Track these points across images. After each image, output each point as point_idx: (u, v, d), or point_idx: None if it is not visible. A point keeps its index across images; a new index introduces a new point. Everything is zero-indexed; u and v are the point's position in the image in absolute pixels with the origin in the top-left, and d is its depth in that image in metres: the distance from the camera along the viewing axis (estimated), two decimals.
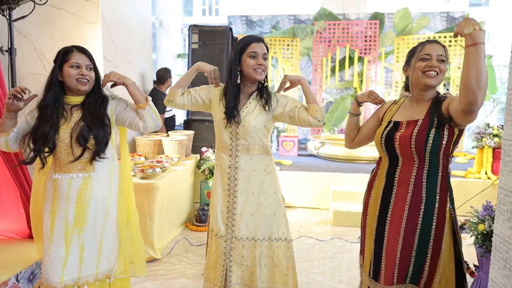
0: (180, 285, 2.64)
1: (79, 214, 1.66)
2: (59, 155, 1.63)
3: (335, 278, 2.80)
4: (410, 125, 1.60)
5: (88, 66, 1.65)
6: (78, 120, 1.64)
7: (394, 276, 1.60)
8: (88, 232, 1.68)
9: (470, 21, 1.34)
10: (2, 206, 2.27)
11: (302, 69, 7.63)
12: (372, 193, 1.75)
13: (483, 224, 2.45)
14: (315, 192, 4.53)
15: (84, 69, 1.63)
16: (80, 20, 3.40)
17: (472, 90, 1.34)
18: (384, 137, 1.65)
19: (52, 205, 1.65)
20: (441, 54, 1.57)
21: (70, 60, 1.62)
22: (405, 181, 1.62)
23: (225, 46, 4.74)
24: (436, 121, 1.55)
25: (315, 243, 3.45)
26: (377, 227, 1.68)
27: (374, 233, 1.69)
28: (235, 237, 1.85)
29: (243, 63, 1.78)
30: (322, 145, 5.59)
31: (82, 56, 1.64)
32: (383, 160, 1.72)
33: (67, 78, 1.62)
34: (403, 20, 6.67)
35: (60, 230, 1.64)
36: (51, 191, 1.65)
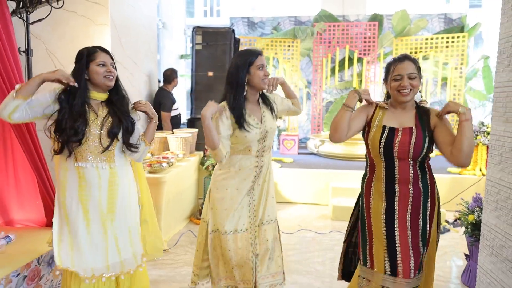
0: (186, 273, 2.79)
1: (110, 202, 1.79)
2: (87, 146, 1.74)
3: (333, 267, 2.93)
4: (405, 132, 1.77)
5: (112, 64, 1.79)
6: (106, 115, 1.78)
7: (411, 269, 1.74)
8: (117, 220, 1.82)
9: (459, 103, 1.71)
10: (21, 196, 2.42)
11: (302, 70, 7.77)
12: (373, 194, 1.85)
13: (473, 215, 2.60)
14: (315, 189, 4.68)
15: (109, 66, 1.78)
16: (89, 22, 3.55)
17: (465, 156, 1.69)
18: (383, 142, 1.78)
19: (80, 193, 1.75)
20: (411, 72, 1.74)
21: (96, 59, 1.75)
22: (405, 178, 1.78)
23: (228, 47, 4.89)
24: (427, 132, 1.78)
25: (315, 236, 3.60)
26: (386, 226, 1.78)
27: (384, 231, 1.78)
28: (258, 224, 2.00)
29: (253, 75, 1.88)
30: (322, 143, 5.73)
31: (105, 55, 1.78)
32: (377, 164, 1.83)
33: (95, 75, 1.74)
34: (402, 22, 6.82)
35: (96, 218, 1.76)
36: (76, 179, 1.75)
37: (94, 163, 1.76)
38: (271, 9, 12.61)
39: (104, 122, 1.77)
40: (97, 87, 1.79)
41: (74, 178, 1.76)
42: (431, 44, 6.55)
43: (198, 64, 4.93)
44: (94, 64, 1.75)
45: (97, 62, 1.76)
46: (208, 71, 4.89)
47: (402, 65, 1.76)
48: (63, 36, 3.55)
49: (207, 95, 4.93)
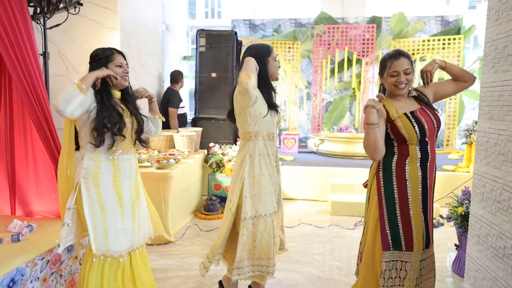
0: (193, 262, 2.96)
1: (136, 189, 2.01)
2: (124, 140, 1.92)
3: (332, 258, 3.11)
4: (423, 113, 1.94)
5: (126, 65, 1.97)
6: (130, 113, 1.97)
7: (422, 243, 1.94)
8: (141, 204, 2.04)
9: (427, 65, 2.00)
10: (40, 190, 2.59)
11: (302, 71, 7.95)
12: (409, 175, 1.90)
13: (462, 207, 2.77)
14: (314, 185, 4.85)
15: (125, 67, 1.95)
16: (99, 26, 3.73)
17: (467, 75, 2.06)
18: (416, 125, 1.90)
19: (115, 183, 1.91)
20: (406, 68, 1.91)
21: (114, 60, 1.92)
22: (433, 159, 1.98)
23: (230, 49, 5.08)
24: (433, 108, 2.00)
25: (314, 229, 3.77)
26: (422, 205, 1.92)
27: (421, 211, 1.92)
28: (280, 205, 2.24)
29: (271, 65, 2.12)
30: (322, 142, 5.91)
31: (121, 57, 1.96)
32: (411, 147, 1.92)
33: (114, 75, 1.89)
34: (399, 24, 6.99)
35: (128, 204, 1.95)
36: (111, 170, 1.90)
37: (127, 154, 1.96)
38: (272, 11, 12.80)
39: (133, 120, 1.97)
40: (114, 86, 1.95)
41: (109, 169, 1.91)
42: (428, 46, 6.72)
43: (202, 65, 5.12)
44: (112, 65, 1.92)
45: (115, 63, 1.93)
46: (212, 72, 5.08)
47: (398, 62, 1.93)
48: (74, 39, 3.73)
49: (211, 94, 5.13)
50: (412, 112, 1.93)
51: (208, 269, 2.24)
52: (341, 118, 7.52)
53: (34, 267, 2.00)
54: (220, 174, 4.37)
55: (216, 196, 4.30)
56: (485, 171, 2.46)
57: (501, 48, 2.33)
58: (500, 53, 2.33)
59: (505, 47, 2.28)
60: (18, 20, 2.31)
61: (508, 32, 2.23)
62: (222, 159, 4.39)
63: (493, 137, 2.38)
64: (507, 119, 2.22)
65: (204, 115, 5.13)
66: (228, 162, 4.34)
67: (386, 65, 1.98)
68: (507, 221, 2.20)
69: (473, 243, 2.58)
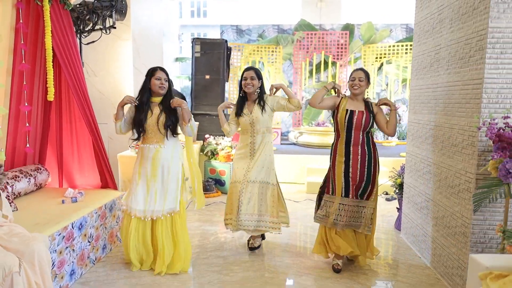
0: (196, 226, 3.82)
1: (153, 169, 2.77)
2: (148, 133, 2.75)
3: (306, 221, 4.01)
4: (360, 113, 2.82)
5: (165, 79, 2.76)
6: (159, 113, 2.74)
7: (354, 194, 2.81)
8: (158, 182, 2.77)
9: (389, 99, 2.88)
10: (82, 168, 3.38)
11: (284, 72, 8.84)
12: (338, 152, 2.87)
13: (400, 178, 3.71)
14: (294, 171, 5.75)
15: (163, 81, 2.76)
16: (116, 38, 4.52)
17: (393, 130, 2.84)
18: (347, 119, 2.81)
19: (140, 163, 2.78)
20: (360, 77, 2.80)
21: (155, 75, 2.74)
22: (357, 143, 2.83)
23: (222, 55, 5.92)
24: (371, 114, 2.83)
25: (292, 204, 4.67)
26: (344, 170, 2.82)
27: (343, 173, 2.82)
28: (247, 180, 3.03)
29: (243, 84, 3.04)
30: (301, 134, 6.82)
31: (162, 72, 2.76)
32: (341, 134, 2.86)
33: (153, 85, 2.73)
34: (368, 32, 7.95)
35: (144, 179, 2.77)
36: (140, 155, 2.80)
37: (150, 144, 2.78)
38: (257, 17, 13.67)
39: (159, 117, 2.74)
40: (154, 93, 2.79)
41: (139, 153, 2.82)
42: (393, 50, 7.71)
43: (197, 69, 5.94)
44: (154, 78, 2.75)
45: (155, 77, 2.75)
46: (206, 74, 5.92)
47: (356, 73, 2.85)
48: (95, 48, 4.50)
49: (205, 94, 5.96)
50: (352, 111, 2.82)
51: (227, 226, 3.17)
52: (319, 114, 8.45)
53: (92, 218, 2.82)
54: (214, 160, 5.22)
55: (211, 178, 5.15)
56: (412, 151, 3.41)
57: (421, 62, 3.26)
58: (420, 65, 3.27)
59: (422, 61, 3.21)
60: (70, 40, 3.11)
61: (424, 51, 3.17)
62: (216, 148, 5.24)
63: (416, 126, 3.33)
64: (423, 112, 3.16)
65: (199, 111, 5.95)
66: (221, 151, 5.19)
67: (351, 74, 2.89)
68: (422, 183, 3.14)
69: (406, 203, 3.53)
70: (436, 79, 2.89)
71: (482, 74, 2.23)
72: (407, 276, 2.81)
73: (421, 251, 3.12)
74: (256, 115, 3.03)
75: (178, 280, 2.68)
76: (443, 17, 2.79)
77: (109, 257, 3.03)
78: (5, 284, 1.73)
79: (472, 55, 2.35)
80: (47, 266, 1.92)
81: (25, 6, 2.85)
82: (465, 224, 2.40)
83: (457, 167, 2.53)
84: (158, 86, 2.75)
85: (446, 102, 2.72)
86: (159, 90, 2.76)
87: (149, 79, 2.76)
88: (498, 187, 1.97)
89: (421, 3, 3.23)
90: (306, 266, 2.96)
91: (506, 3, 2.15)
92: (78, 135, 3.34)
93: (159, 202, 2.77)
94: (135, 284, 2.60)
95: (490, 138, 2.00)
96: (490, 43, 2.19)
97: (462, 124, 2.47)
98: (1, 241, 1.88)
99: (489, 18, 2.17)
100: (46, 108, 3.23)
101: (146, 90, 2.76)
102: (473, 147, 2.32)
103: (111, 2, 3.37)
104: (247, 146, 3.08)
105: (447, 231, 2.66)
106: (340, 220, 2.78)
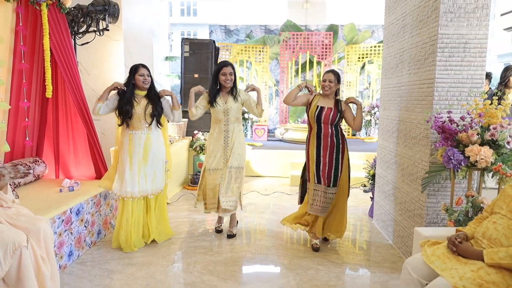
0: (185, 214, 4.09)
1: (145, 154, 3.08)
2: (134, 122, 3.02)
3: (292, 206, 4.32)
4: (328, 109, 3.12)
5: (148, 75, 3.06)
6: (146, 104, 3.05)
7: (326, 181, 3.10)
8: (148, 166, 3.10)
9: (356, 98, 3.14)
10: (77, 160, 3.62)
11: (271, 71, 9.13)
12: (311, 143, 3.19)
13: (373, 170, 4.03)
14: (279, 165, 6.05)
15: (146, 76, 3.04)
16: (108, 39, 4.75)
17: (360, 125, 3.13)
18: (316, 114, 3.12)
19: (129, 149, 3.04)
20: (330, 79, 3.10)
21: (138, 72, 3.03)
22: (326, 135, 3.13)
23: (210, 55, 6.19)
24: (339, 111, 3.12)
25: (278, 195, 4.97)
26: (316, 159, 3.14)
27: (315, 162, 3.14)
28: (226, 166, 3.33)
29: (220, 78, 3.29)
30: (286, 131, 7.12)
31: (144, 69, 3.05)
32: (313, 128, 3.17)
33: (137, 81, 3.02)
34: (351, 32, 8.29)
35: (136, 163, 3.04)
36: (128, 140, 3.04)
37: (139, 131, 3.05)
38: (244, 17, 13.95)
39: (146, 108, 3.05)
40: (139, 88, 3.07)
41: (126, 140, 3.07)
42: (375, 51, 8.05)
43: (186, 68, 6.20)
44: (137, 74, 3.04)
45: (139, 73, 3.04)
46: (194, 73, 6.18)
47: (327, 75, 3.14)
48: (88, 49, 4.73)
49: None
50: (322, 107, 3.13)
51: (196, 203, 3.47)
52: (304, 112, 8.76)
53: (88, 205, 3.08)
54: (203, 155, 5.49)
55: (200, 172, 5.42)
56: (382, 144, 3.73)
57: (389, 63, 3.58)
58: (388, 66, 3.59)
59: (390, 62, 3.53)
60: (66, 41, 3.36)
61: (391, 53, 3.49)
62: (204, 143, 5.52)
63: (385, 121, 3.65)
64: (391, 108, 3.48)
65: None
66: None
67: (323, 76, 3.19)
68: (389, 173, 3.47)
69: (377, 192, 3.85)
70: (400, 78, 3.21)
71: (433, 74, 2.56)
72: (373, 255, 3.13)
73: (388, 234, 3.45)
74: (230, 105, 3.31)
75: (167, 260, 2.96)
76: (405, 23, 3.11)
77: (103, 242, 3.29)
78: (15, 257, 1.98)
79: (427, 57, 2.68)
80: (51, 243, 2.18)
81: (24, 10, 3.09)
82: (421, 207, 2.73)
83: (415, 157, 2.86)
84: (142, 81, 3.04)
85: (407, 100, 3.04)
86: (143, 85, 3.05)
87: (132, 76, 3.04)
88: (441, 172, 2.29)
89: (388, 10, 3.55)
90: (284, 248, 3.27)
91: (453, 13, 2.48)
92: (73, 129, 3.58)
93: (151, 183, 3.14)
94: (127, 264, 2.87)
95: (435, 130, 2.32)
96: (440, 47, 2.51)
97: (419, 118, 2.79)
98: (10, 220, 2.14)
99: (439, 26, 2.49)
100: (44, 104, 3.47)
101: (131, 86, 3.04)
102: (427, 139, 2.65)
103: (104, 7, 3.61)
104: (221, 134, 3.34)
105: (407, 214, 2.99)
106: (315, 204, 3.09)
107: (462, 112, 2.45)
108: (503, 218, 1.70)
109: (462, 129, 2.25)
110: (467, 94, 2.52)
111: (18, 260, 1.99)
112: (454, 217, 2.13)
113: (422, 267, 1.77)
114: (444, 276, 1.60)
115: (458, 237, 1.77)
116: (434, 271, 1.69)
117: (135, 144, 3.06)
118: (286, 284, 2.62)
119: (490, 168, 2.10)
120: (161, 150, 3.22)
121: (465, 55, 2.51)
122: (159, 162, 3.20)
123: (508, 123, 2.08)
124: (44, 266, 2.11)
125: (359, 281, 2.69)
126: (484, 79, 2.53)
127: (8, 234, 1.98)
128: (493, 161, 2.08)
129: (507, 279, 1.54)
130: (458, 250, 1.72)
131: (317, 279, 2.67)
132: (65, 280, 2.59)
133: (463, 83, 2.53)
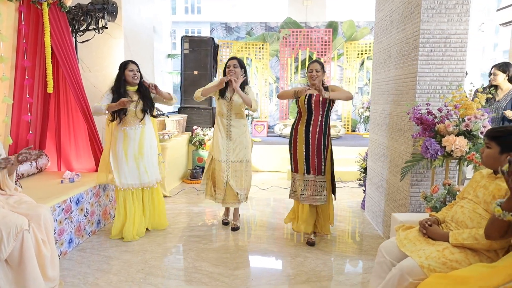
0: (183, 206, 4.23)
1: (140, 148, 3.21)
2: (127, 118, 3.15)
3: (287, 199, 4.44)
4: (317, 95, 3.20)
5: (137, 71, 3.18)
6: (138, 99, 3.18)
7: (316, 171, 3.18)
8: (145, 159, 3.24)
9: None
10: (79, 152, 3.77)
11: (272, 68, 9.23)
12: (298, 131, 3.22)
13: (365, 163, 4.14)
14: (277, 160, 6.17)
15: (135, 72, 3.17)
16: (108, 37, 4.89)
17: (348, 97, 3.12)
18: (306, 101, 3.18)
19: (124, 144, 3.16)
20: (317, 68, 3.19)
21: (128, 67, 3.15)
22: (316, 123, 3.20)
23: (209, 52, 6.30)
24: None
25: (275, 188, 5.09)
26: (305, 149, 3.18)
27: (304, 152, 3.18)
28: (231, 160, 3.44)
29: (227, 73, 3.41)
30: (285, 127, 7.23)
31: (133, 65, 3.18)
32: (303, 114, 3.21)
33: (127, 76, 3.14)
34: (350, 29, 8.35)
35: (132, 157, 3.18)
36: (122, 136, 3.16)
37: (133, 126, 3.18)
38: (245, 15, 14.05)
39: (137, 103, 3.17)
40: (129, 83, 3.20)
41: (121, 136, 3.18)
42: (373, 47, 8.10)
43: (186, 65, 6.33)
44: (127, 70, 3.17)
45: (128, 69, 3.17)
46: (194, 70, 6.30)
47: (313, 65, 3.21)
48: (89, 46, 4.87)
49: (194, 88, 6.30)
50: (311, 94, 3.22)
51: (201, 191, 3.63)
52: None
53: (87, 195, 3.23)
54: (202, 150, 5.63)
55: (198, 166, 5.56)
56: (372, 137, 3.83)
57: (378, 58, 3.68)
58: (378, 61, 3.68)
59: (379, 57, 3.63)
60: (67, 39, 3.50)
61: (381, 49, 3.59)
62: (203, 138, 5.65)
63: (375, 115, 3.75)
64: (380, 102, 3.58)
65: (188, 105, 6.34)
66: (208, 141, 5.60)
67: (308, 66, 3.26)
68: (379, 165, 3.57)
69: (368, 185, 3.96)
70: (388, 73, 3.31)
71: (416, 69, 2.66)
72: (361, 244, 3.24)
73: (377, 224, 3.55)
74: (235, 99, 3.40)
75: (163, 247, 3.10)
76: (393, 19, 3.21)
77: (102, 231, 3.43)
78: (17, 239, 2.13)
79: (410, 52, 2.78)
80: (51, 227, 2.33)
81: (26, 9, 3.23)
82: (405, 197, 2.84)
83: (400, 148, 2.96)
84: (131, 77, 3.16)
85: (394, 93, 3.14)
86: (133, 80, 3.17)
87: (122, 72, 3.16)
88: (419, 161, 2.39)
89: (378, 6, 3.65)
90: (275, 237, 3.39)
91: (434, 9, 2.57)
92: (74, 123, 3.73)
93: (148, 175, 3.29)
94: (124, 251, 3.01)
95: (414, 121, 2.42)
96: (421, 42, 2.61)
97: (404, 111, 2.90)
98: (11, 208, 2.29)
99: (420, 22, 2.59)
100: (46, 99, 3.62)
101: (121, 81, 3.16)
102: (411, 131, 2.75)
103: (103, 5, 3.75)
104: (224, 127, 3.45)
105: (394, 204, 3.09)
106: (306, 195, 3.17)
107: (443, 104, 2.55)
108: (470, 202, 1.81)
109: (440, 121, 2.35)
110: (447, 88, 2.62)
111: (20, 242, 2.14)
112: (431, 204, 2.23)
113: (395, 250, 1.88)
114: (412, 256, 1.71)
115: (429, 220, 1.88)
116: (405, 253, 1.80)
117: (130, 140, 3.19)
118: (273, 269, 2.75)
119: (465, 157, 2.21)
120: (155, 142, 3.37)
121: (446, 50, 2.60)
122: (154, 153, 3.36)
123: (481, 114, 2.18)
124: (45, 248, 2.26)
125: (344, 267, 2.81)
126: (464, 73, 2.63)
127: (11, 218, 2.12)
128: (467, 151, 2.18)
129: (470, 258, 1.65)
130: (428, 232, 1.83)
131: (304, 265, 2.80)
132: (65, 265, 2.74)
133: (444, 77, 2.63)
